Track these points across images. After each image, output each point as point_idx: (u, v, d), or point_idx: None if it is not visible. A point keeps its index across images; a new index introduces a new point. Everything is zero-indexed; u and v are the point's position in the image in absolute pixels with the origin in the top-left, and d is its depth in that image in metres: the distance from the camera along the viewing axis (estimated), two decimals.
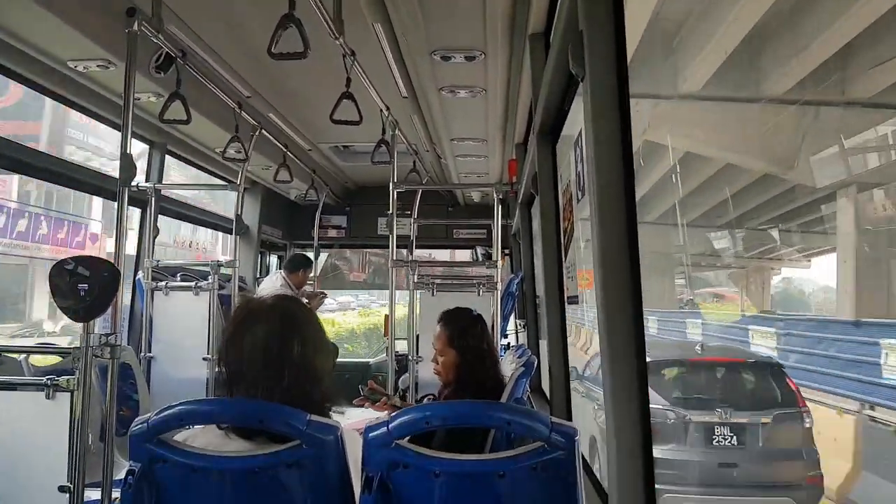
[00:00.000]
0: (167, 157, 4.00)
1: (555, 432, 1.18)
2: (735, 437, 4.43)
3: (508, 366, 2.79)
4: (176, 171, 5.06)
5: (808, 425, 4.41)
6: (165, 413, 1.24)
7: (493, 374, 2.34)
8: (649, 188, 5.07)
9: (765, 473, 4.39)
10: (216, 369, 1.43)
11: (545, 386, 3.52)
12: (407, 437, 1.21)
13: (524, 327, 4.62)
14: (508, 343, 4.59)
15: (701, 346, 5.50)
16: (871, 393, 3.74)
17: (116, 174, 2.21)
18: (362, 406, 2.68)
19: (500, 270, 3.89)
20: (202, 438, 1.30)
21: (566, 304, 2.52)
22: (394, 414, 1.22)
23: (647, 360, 1.22)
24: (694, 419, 4.52)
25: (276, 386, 1.30)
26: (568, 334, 2.55)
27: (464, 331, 2.33)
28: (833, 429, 4.17)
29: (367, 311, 12.36)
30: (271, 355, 1.32)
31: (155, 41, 2.32)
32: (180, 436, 1.31)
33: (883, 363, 3.59)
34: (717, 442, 4.43)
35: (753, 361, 5.04)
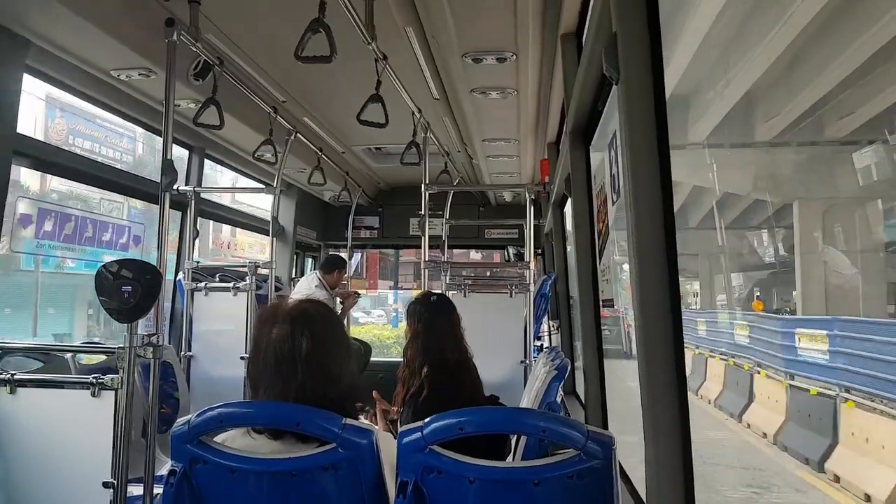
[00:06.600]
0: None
1: (591, 441, 1.17)
2: None
3: (541, 368, 2.76)
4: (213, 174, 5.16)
5: None
6: (205, 415, 1.27)
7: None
8: None
9: None
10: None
11: (580, 390, 3.47)
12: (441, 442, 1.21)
13: (558, 329, 4.57)
14: (542, 345, 4.54)
15: None
16: None
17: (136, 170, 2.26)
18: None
19: (532, 271, 3.86)
20: (241, 440, 1.33)
21: (601, 306, 2.48)
22: (428, 420, 1.22)
23: None
24: None
25: (289, 384, 1.32)
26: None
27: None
28: None
29: None
30: (282, 354, 1.34)
31: (193, 49, 2.38)
32: (220, 437, 1.34)
33: None
34: None
35: None
